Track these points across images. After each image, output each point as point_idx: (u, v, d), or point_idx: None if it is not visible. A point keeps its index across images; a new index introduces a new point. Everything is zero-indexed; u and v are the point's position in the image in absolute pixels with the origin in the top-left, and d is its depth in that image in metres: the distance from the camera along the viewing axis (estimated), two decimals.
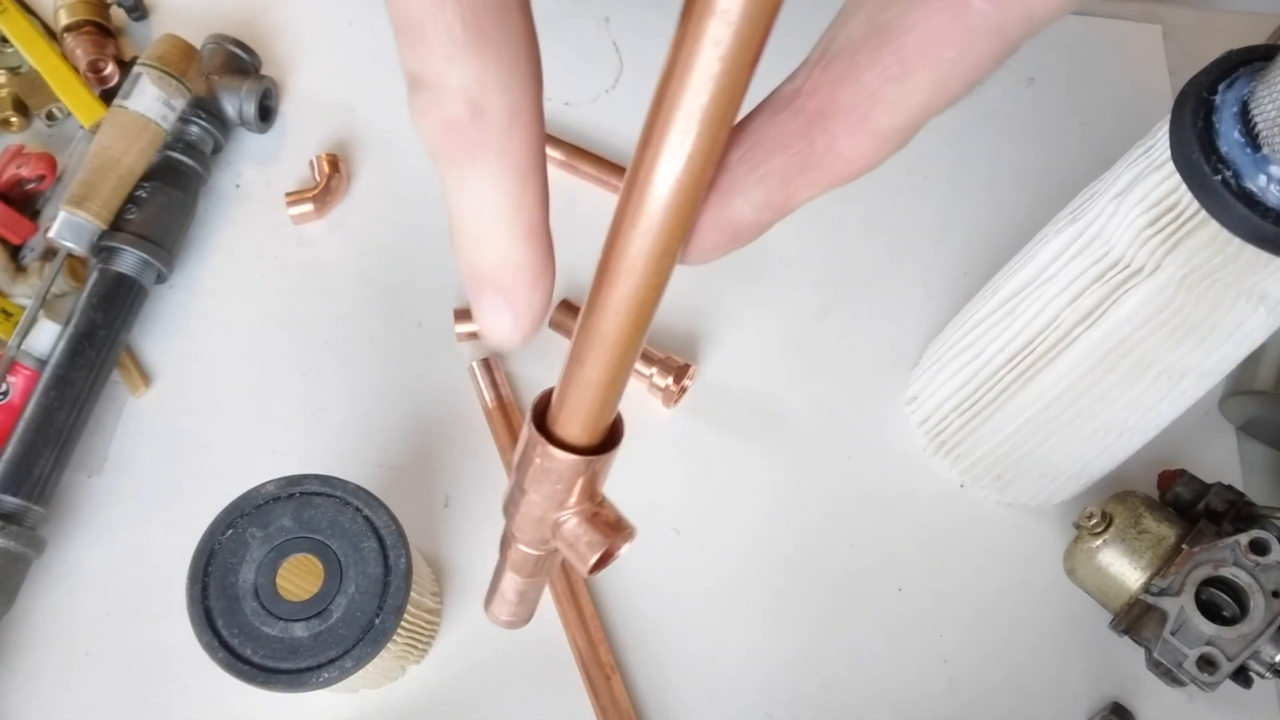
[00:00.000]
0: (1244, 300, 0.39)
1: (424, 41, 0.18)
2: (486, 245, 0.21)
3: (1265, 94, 0.34)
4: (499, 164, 0.20)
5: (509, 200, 0.20)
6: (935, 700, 0.53)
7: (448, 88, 0.19)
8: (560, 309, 0.59)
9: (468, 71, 0.18)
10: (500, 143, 0.19)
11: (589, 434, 0.24)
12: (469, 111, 0.19)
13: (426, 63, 0.19)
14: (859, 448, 0.58)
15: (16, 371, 0.55)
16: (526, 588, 0.31)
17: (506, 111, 0.19)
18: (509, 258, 0.21)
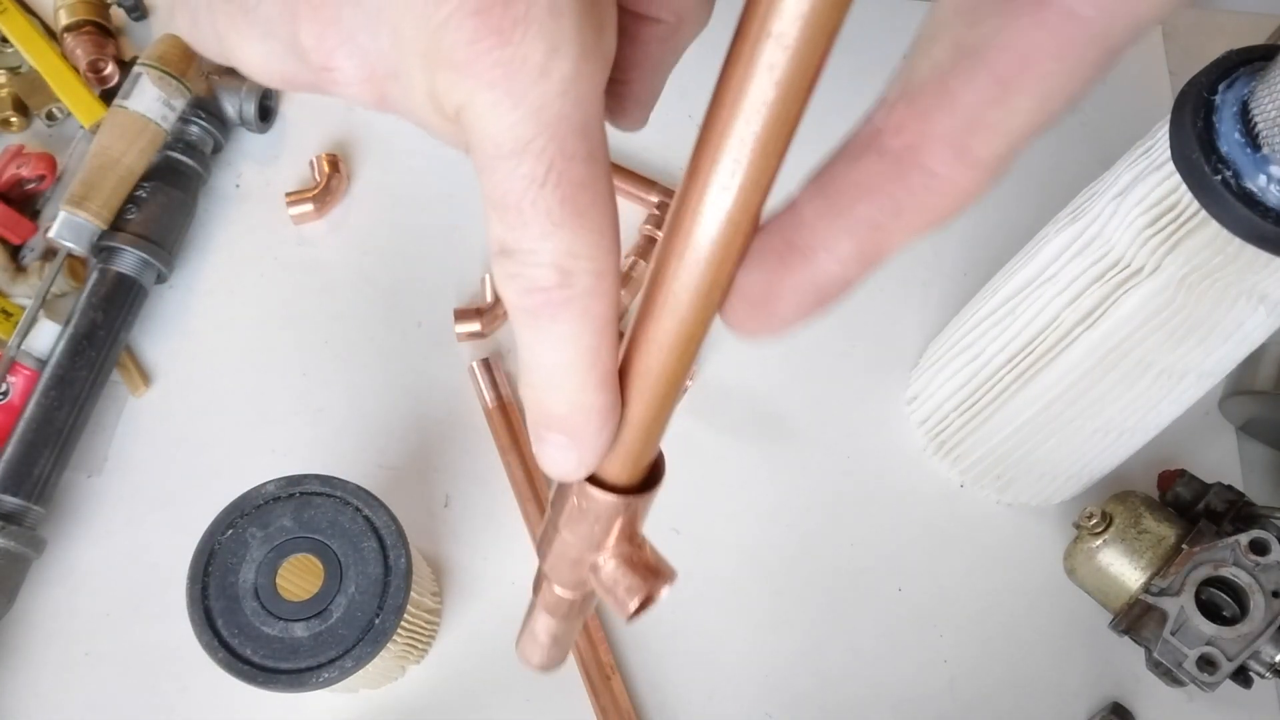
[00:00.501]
0: (1244, 300, 0.39)
1: (521, 220, 0.19)
2: (559, 393, 0.21)
3: (1265, 94, 0.34)
4: (582, 323, 0.20)
5: (587, 353, 0.21)
6: (935, 700, 0.53)
7: (540, 260, 0.19)
8: None
9: (561, 245, 0.19)
10: (585, 303, 0.20)
11: (630, 474, 0.23)
12: (558, 279, 0.19)
13: (521, 238, 0.19)
14: (859, 448, 0.58)
15: (16, 371, 0.55)
16: (561, 631, 0.30)
17: (593, 275, 0.19)
18: (581, 404, 0.21)
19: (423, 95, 0.19)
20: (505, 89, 0.18)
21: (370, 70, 0.20)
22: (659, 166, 0.64)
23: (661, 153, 0.64)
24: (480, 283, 0.60)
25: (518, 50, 0.17)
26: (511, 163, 0.18)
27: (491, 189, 0.19)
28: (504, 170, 0.19)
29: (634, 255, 0.60)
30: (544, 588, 0.28)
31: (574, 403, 0.21)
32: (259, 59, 0.20)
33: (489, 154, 0.19)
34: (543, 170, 0.18)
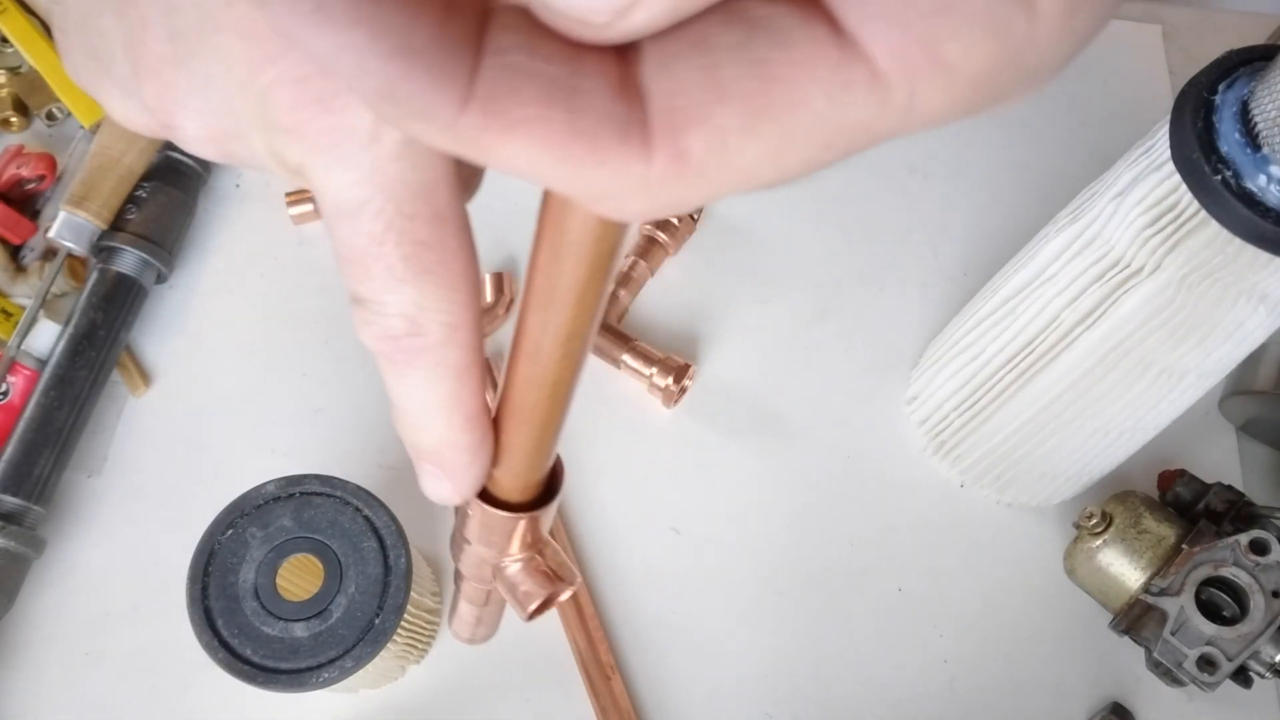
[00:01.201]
0: (1244, 300, 0.39)
1: (366, 274, 0.20)
2: (425, 432, 0.22)
3: (1265, 94, 0.34)
4: (436, 370, 0.21)
5: (445, 397, 0.21)
6: (935, 700, 0.53)
7: (388, 311, 0.20)
8: None
9: (407, 299, 0.20)
10: (438, 353, 0.20)
11: (522, 493, 0.24)
12: (408, 329, 0.20)
13: (369, 290, 0.20)
14: (859, 448, 0.58)
15: (16, 371, 0.55)
16: (482, 614, 0.31)
17: (443, 327, 0.20)
18: (447, 441, 0.22)
19: (264, 154, 0.20)
20: (335, 155, 0.18)
21: (209, 130, 0.20)
22: None
23: None
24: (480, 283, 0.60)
25: (342, 119, 0.18)
26: (350, 221, 0.19)
27: (336, 244, 0.20)
28: (345, 228, 0.19)
29: (634, 255, 0.60)
30: (462, 583, 0.30)
31: (440, 439, 0.22)
32: (120, 111, 0.21)
33: (328, 212, 0.19)
34: (381, 229, 0.19)
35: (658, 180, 0.14)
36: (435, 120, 0.13)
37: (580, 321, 0.19)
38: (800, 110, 0.13)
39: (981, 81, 0.13)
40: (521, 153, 0.13)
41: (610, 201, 0.14)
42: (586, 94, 0.13)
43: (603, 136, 0.13)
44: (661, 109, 0.13)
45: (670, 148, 0.13)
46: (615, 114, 0.13)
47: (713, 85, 0.13)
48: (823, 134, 0.13)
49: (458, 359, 0.21)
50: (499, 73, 0.13)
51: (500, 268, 0.61)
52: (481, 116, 0.13)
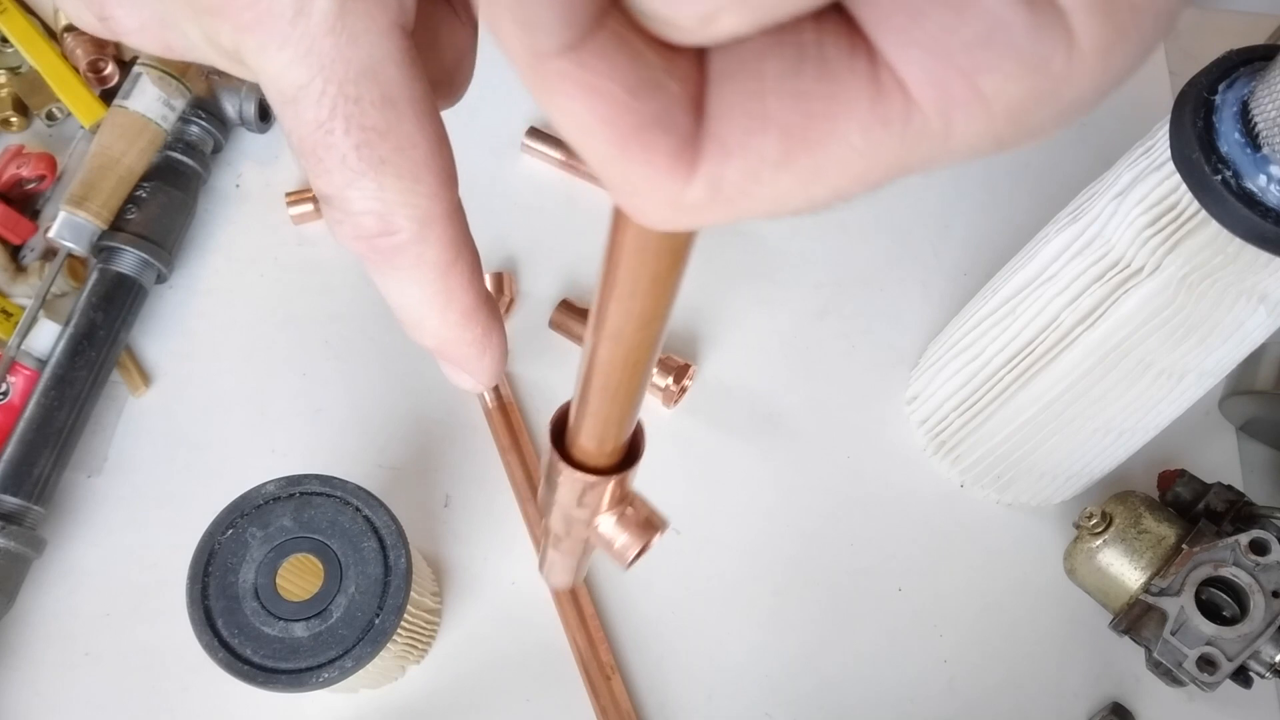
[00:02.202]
0: (1244, 300, 0.39)
1: (323, 168, 0.19)
2: (425, 330, 0.22)
3: (1265, 94, 0.34)
4: (417, 269, 0.20)
5: (435, 295, 0.21)
6: (935, 700, 0.53)
7: (353, 207, 0.19)
8: (560, 309, 0.59)
9: (368, 193, 0.19)
10: (415, 250, 0.20)
11: (607, 457, 0.25)
12: (379, 226, 0.19)
13: (329, 185, 0.19)
14: (859, 448, 0.58)
15: (16, 371, 0.55)
16: (577, 563, 0.32)
17: (415, 222, 0.20)
18: (448, 338, 0.22)
19: (201, 41, 0.19)
20: (264, 33, 0.18)
21: (143, 21, 0.20)
22: None
23: None
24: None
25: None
26: (293, 108, 0.18)
27: (287, 134, 0.19)
28: (290, 116, 0.18)
29: None
30: (553, 539, 0.30)
31: (441, 337, 0.22)
32: (71, 9, 0.21)
33: (273, 101, 0.19)
34: (325, 114, 0.18)
35: (687, 200, 0.14)
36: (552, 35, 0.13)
37: (661, 307, 0.19)
38: (836, 146, 0.13)
39: (1017, 115, 0.13)
40: (582, 117, 0.13)
41: (632, 201, 0.14)
42: (667, 98, 0.13)
43: (661, 145, 0.13)
44: (713, 134, 0.13)
45: (711, 174, 0.13)
46: (681, 128, 0.13)
47: (758, 114, 0.13)
48: (856, 169, 0.13)
49: (438, 255, 0.20)
50: (607, 36, 0.13)
51: (500, 268, 0.61)
52: (574, 65, 0.13)
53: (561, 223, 0.63)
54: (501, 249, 0.62)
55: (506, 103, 0.66)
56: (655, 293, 0.18)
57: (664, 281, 0.18)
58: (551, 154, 0.63)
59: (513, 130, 0.64)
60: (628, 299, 0.19)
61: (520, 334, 0.59)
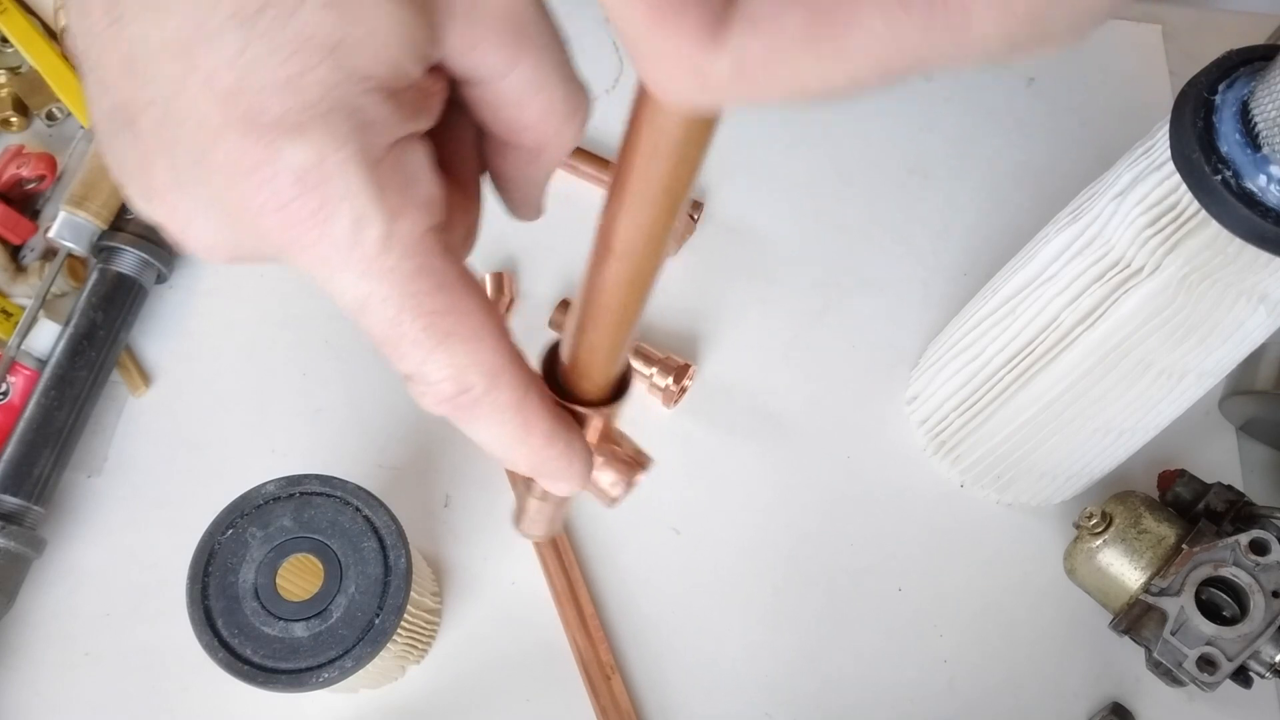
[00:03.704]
0: (1244, 300, 0.39)
1: (400, 353, 0.22)
2: (517, 460, 0.25)
3: (1265, 94, 0.34)
4: (495, 412, 0.23)
5: (516, 429, 0.24)
6: (935, 700, 0.53)
7: (432, 378, 0.22)
8: (560, 309, 0.59)
9: (443, 364, 0.22)
10: (490, 398, 0.23)
11: (599, 390, 0.26)
12: (456, 387, 0.22)
13: (409, 365, 0.22)
14: (859, 448, 0.58)
15: (16, 371, 0.55)
16: (556, 511, 0.33)
17: (485, 376, 0.23)
18: (538, 461, 0.25)
19: (273, 259, 0.22)
20: (325, 262, 0.21)
21: (215, 245, 0.22)
22: None
23: None
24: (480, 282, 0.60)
25: (324, 231, 0.20)
26: (366, 314, 0.21)
27: (365, 334, 0.22)
28: (364, 320, 0.22)
29: None
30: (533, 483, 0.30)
31: (529, 460, 0.25)
32: (144, 213, 0.23)
33: (345, 308, 0.22)
34: (393, 313, 0.21)
35: (713, 72, 0.14)
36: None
37: (671, 214, 0.20)
38: (859, 29, 0.14)
39: (1035, 16, 0.13)
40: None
41: (658, 71, 0.15)
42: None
43: (693, 14, 0.14)
44: (742, 8, 0.14)
45: (737, 47, 0.14)
46: (715, 3, 0.14)
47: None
48: (877, 54, 0.14)
49: (510, 396, 0.23)
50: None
51: (500, 268, 0.61)
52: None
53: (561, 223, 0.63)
54: (501, 249, 0.62)
55: None
56: (666, 201, 0.19)
57: (676, 189, 0.19)
58: None
59: None
60: (639, 210, 0.19)
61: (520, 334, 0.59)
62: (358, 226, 0.20)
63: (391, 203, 0.20)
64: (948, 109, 0.67)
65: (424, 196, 0.21)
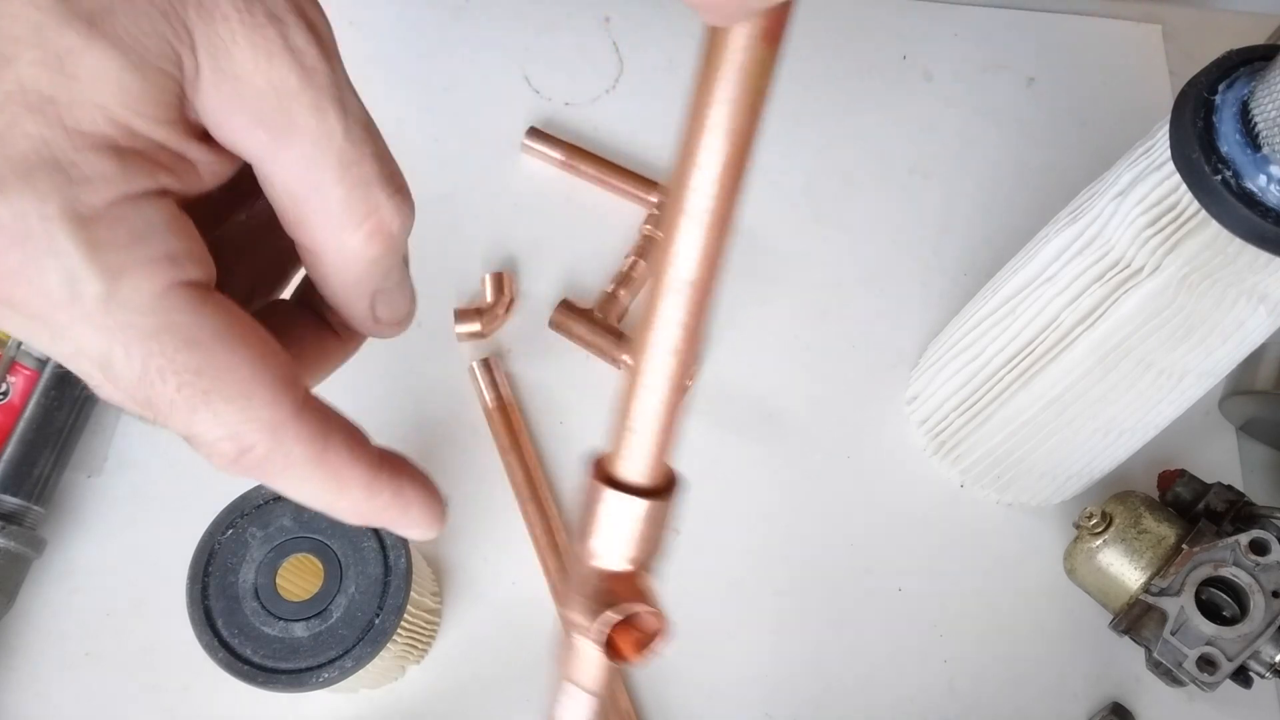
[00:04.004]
0: (1244, 300, 0.39)
1: (161, 414, 0.20)
2: (341, 512, 0.24)
3: (1265, 94, 0.34)
4: (291, 468, 0.22)
5: (323, 483, 0.23)
6: (935, 700, 0.53)
7: (206, 438, 0.21)
8: (560, 309, 0.59)
9: (209, 423, 0.21)
10: (279, 455, 0.21)
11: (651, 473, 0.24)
12: (236, 447, 0.21)
13: (175, 425, 0.21)
14: (859, 448, 0.58)
15: (16, 371, 0.55)
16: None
17: (265, 432, 0.21)
18: (363, 511, 0.24)
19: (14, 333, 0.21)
20: (48, 320, 0.19)
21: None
22: (659, 167, 0.64)
23: (661, 153, 0.64)
24: (480, 283, 0.60)
25: (36, 288, 0.19)
26: (106, 373, 0.20)
27: (119, 401, 0.21)
28: (108, 381, 0.20)
29: (634, 255, 0.60)
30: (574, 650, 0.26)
31: (356, 512, 0.24)
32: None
33: (84, 372, 0.21)
34: (138, 372, 0.20)
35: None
36: None
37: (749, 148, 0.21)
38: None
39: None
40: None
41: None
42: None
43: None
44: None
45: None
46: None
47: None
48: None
49: (304, 450, 0.22)
50: None
51: (500, 268, 0.61)
52: None
53: (561, 223, 0.63)
54: (501, 249, 0.62)
55: (506, 103, 0.66)
56: (750, 125, 0.20)
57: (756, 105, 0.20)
58: (551, 154, 0.63)
59: (513, 130, 0.64)
60: (721, 141, 0.20)
61: (520, 334, 0.59)
62: (71, 283, 0.19)
63: (110, 260, 0.19)
64: (948, 109, 0.67)
65: (162, 252, 0.20)
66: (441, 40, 0.67)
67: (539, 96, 0.66)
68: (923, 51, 0.69)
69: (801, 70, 0.67)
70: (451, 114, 0.65)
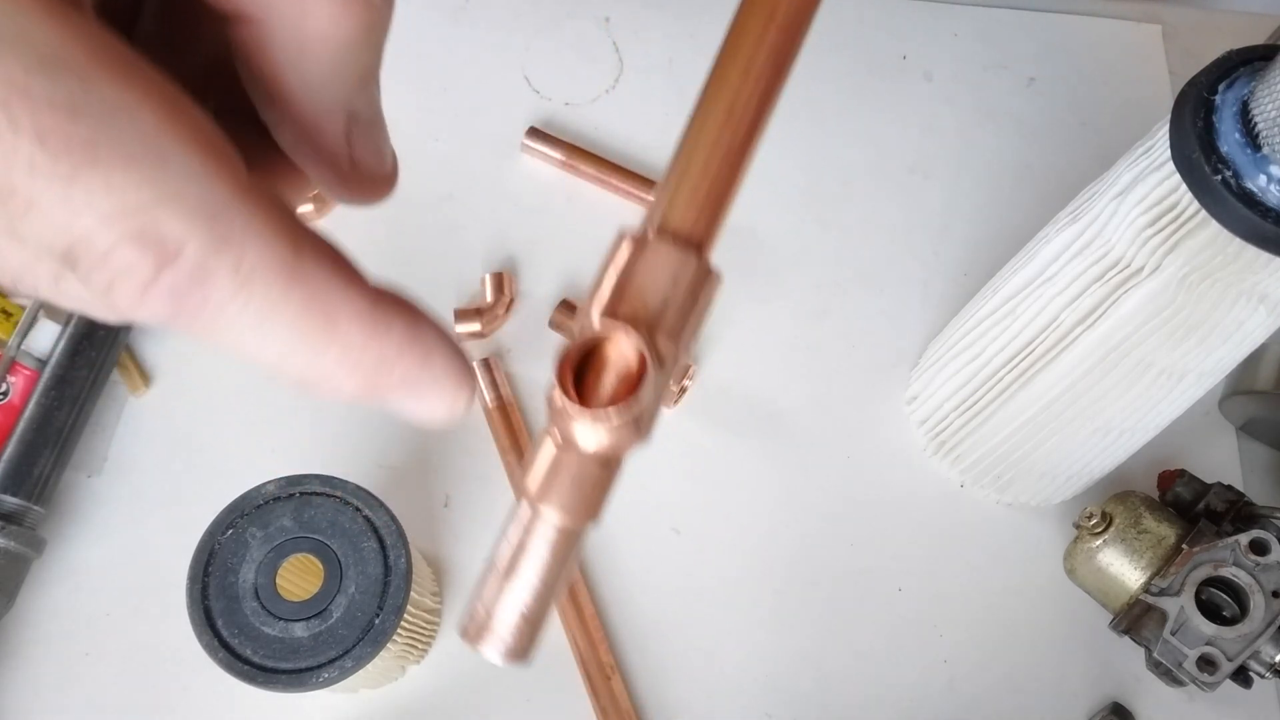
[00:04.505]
0: (1244, 300, 0.39)
1: (18, 204, 0.12)
2: (333, 375, 0.15)
3: (1265, 94, 0.34)
4: (246, 288, 0.13)
5: (301, 311, 0.14)
6: (935, 700, 0.53)
7: (100, 244, 0.12)
8: (560, 309, 0.59)
9: (104, 206, 0.12)
10: (229, 273, 0.13)
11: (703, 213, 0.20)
12: (155, 256, 0.12)
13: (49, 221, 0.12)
14: (859, 448, 0.58)
15: (16, 371, 0.55)
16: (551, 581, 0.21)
17: (199, 219, 0.13)
18: (366, 363, 0.15)
19: None
20: None
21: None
22: (658, 167, 0.64)
23: (660, 153, 0.64)
24: (480, 282, 0.60)
25: None
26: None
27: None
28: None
29: None
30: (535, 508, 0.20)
31: (355, 367, 0.15)
32: None
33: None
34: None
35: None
36: None
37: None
38: None
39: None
40: None
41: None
42: None
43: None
44: None
45: None
46: None
47: None
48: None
49: (266, 253, 0.13)
50: None
51: (500, 268, 0.61)
52: None
53: (561, 223, 0.63)
54: (501, 249, 0.62)
55: (506, 102, 0.66)
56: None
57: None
58: (551, 154, 0.63)
59: (513, 130, 0.64)
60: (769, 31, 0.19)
61: (520, 334, 0.60)
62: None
63: None
64: (948, 109, 0.67)
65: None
66: (441, 40, 0.67)
67: (539, 96, 0.66)
68: (923, 51, 0.69)
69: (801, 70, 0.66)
70: (451, 114, 0.65)
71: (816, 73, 0.67)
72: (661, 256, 0.19)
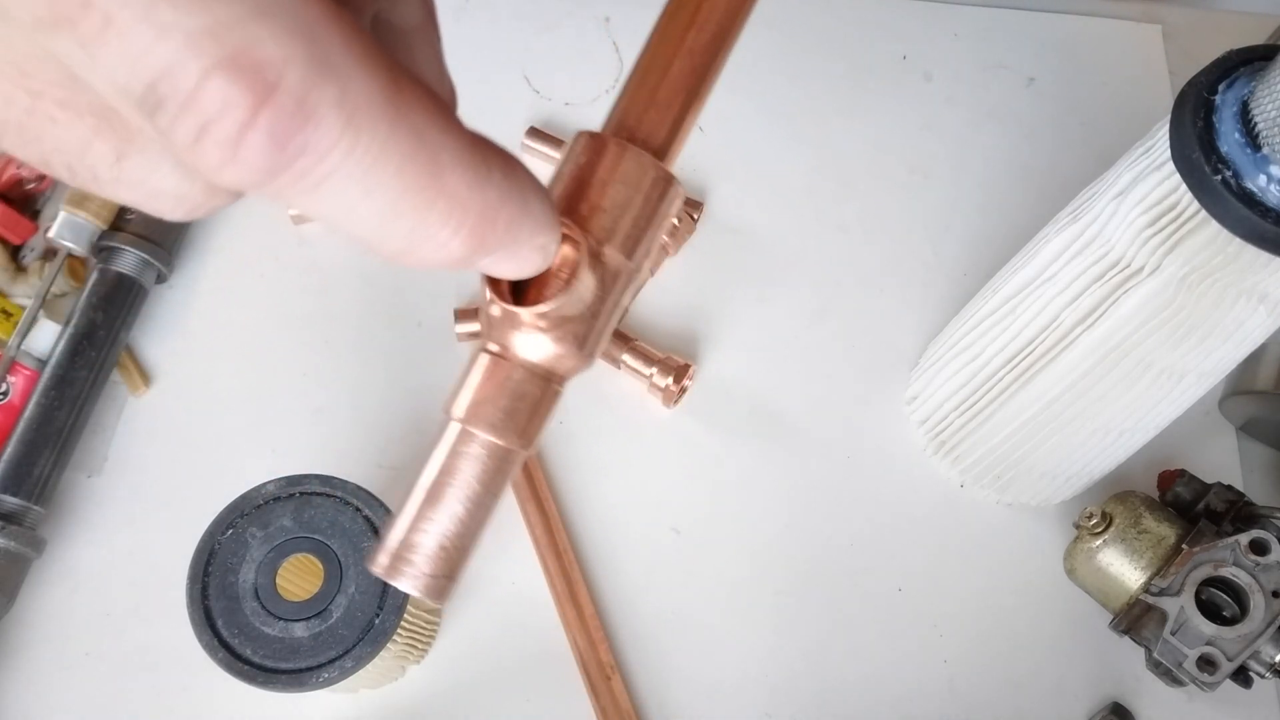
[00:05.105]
0: (1244, 300, 0.39)
1: (86, 29, 0.11)
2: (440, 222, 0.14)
3: (1265, 94, 0.34)
4: (356, 137, 0.12)
5: (406, 157, 0.12)
6: (935, 700, 0.53)
7: (185, 81, 0.11)
8: None
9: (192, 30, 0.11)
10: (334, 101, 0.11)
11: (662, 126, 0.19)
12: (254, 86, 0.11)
13: (121, 49, 0.11)
14: (859, 448, 0.58)
15: (16, 371, 0.55)
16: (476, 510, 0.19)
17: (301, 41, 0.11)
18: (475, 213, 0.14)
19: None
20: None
21: None
22: None
23: None
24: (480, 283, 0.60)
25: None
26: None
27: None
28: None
29: None
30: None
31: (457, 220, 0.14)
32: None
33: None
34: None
35: None
36: None
37: None
38: None
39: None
40: None
41: None
42: None
43: None
44: None
45: None
46: None
47: None
48: None
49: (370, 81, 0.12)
50: None
51: None
52: None
53: None
54: None
55: (506, 102, 0.66)
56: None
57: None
58: (551, 154, 0.63)
59: (513, 130, 0.64)
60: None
61: None
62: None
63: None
64: (948, 109, 0.67)
65: None
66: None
67: (539, 96, 0.66)
68: (923, 51, 0.69)
69: (801, 70, 0.67)
70: None
71: (817, 73, 0.67)
72: (617, 157, 0.18)
